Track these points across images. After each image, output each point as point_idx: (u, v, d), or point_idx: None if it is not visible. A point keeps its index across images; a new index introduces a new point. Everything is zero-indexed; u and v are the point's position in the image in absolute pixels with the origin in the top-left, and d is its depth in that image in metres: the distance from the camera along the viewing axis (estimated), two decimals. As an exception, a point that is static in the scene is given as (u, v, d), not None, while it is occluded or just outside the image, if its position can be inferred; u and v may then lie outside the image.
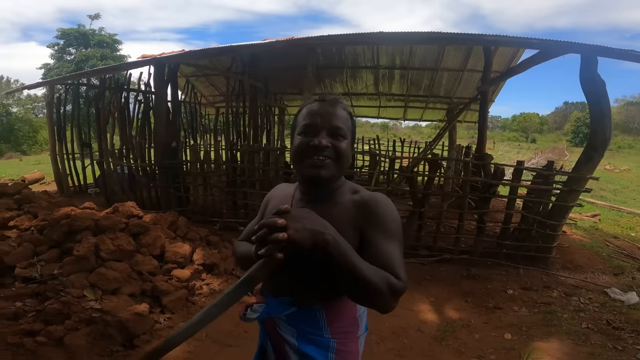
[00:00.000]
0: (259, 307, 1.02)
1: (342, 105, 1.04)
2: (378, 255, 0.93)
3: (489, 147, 24.59)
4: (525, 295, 3.53)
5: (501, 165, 4.69)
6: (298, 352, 1.04)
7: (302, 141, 0.99)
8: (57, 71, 20.28)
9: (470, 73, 8.16)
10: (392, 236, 0.96)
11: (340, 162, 0.99)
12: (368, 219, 0.97)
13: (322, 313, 1.02)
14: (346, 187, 1.06)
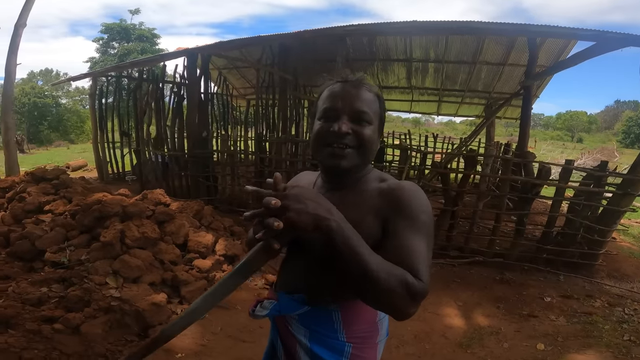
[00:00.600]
0: (269, 304, 0.95)
1: (367, 86, 0.92)
2: (399, 247, 0.81)
3: (530, 146, 23.35)
4: (564, 304, 3.29)
5: (547, 164, 4.35)
6: (309, 353, 0.95)
7: (321, 127, 0.90)
8: (102, 64, 21.49)
9: (512, 67, 7.67)
10: (417, 228, 0.83)
11: (363, 150, 0.89)
12: (392, 207, 0.86)
13: (338, 314, 0.93)
14: (373, 175, 0.95)
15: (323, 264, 0.89)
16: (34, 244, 2.75)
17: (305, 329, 0.95)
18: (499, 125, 31.26)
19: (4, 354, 1.71)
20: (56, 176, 3.78)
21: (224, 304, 2.69)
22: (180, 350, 2.13)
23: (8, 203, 3.65)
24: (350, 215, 0.82)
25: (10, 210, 3.46)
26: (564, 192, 4.26)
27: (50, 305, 2.15)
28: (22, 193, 3.56)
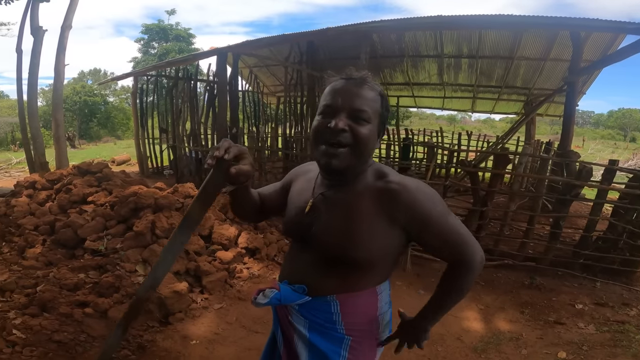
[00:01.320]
0: (270, 293, 0.98)
1: (369, 84, 0.92)
2: (445, 248, 0.93)
3: (577, 145, 21.90)
4: (596, 312, 3.11)
5: (588, 164, 4.09)
6: (307, 343, 0.99)
7: (319, 122, 0.90)
8: (144, 64, 22.69)
9: (554, 62, 7.23)
10: (444, 220, 0.90)
11: (358, 149, 0.88)
12: (411, 214, 0.88)
13: (337, 305, 0.96)
14: (370, 170, 0.96)
15: (329, 261, 0.94)
16: (76, 233, 3.02)
17: (304, 319, 0.99)
18: (543, 124, 29.54)
19: (37, 336, 1.88)
20: (99, 170, 4.10)
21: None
22: (196, 338, 2.26)
23: (56, 194, 4.01)
24: (349, 221, 0.91)
25: (57, 200, 3.80)
26: (606, 194, 4.00)
27: (85, 291, 2.36)
28: (69, 185, 3.89)
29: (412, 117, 34.80)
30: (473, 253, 0.93)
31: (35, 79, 6.13)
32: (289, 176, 1.16)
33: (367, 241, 0.89)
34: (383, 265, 0.96)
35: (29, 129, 6.08)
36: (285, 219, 1.08)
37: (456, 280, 0.97)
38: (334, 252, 0.92)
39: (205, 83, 7.87)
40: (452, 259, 0.95)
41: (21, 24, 6.03)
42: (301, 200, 1.03)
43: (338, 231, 0.91)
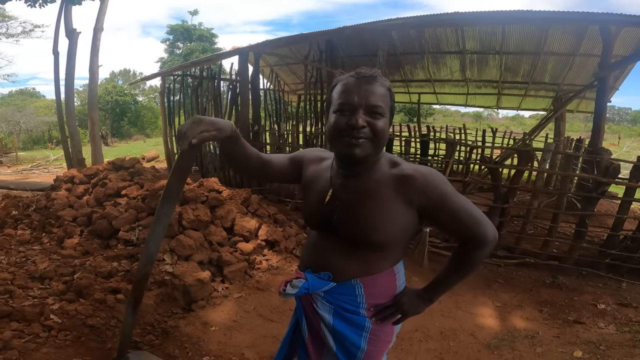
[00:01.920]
0: (299, 283, 1.05)
1: (380, 81, 0.98)
2: (458, 227, 1.00)
3: (612, 143, 20.83)
4: (619, 312, 3.04)
5: (616, 161, 3.96)
6: (332, 330, 1.07)
7: (338, 120, 0.97)
8: (170, 64, 23.42)
9: (584, 57, 6.95)
10: (455, 199, 0.98)
11: (376, 141, 0.97)
12: (427, 196, 0.97)
13: (361, 288, 1.04)
14: (383, 159, 1.04)
15: (351, 247, 1.03)
16: (111, 224, 3.25)
17: (329, 305, 1.07)
18: (577, 120, 28.16)
19: (72, 320, 2.04)
20: (132, 165, 4.37)
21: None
22: (215, 324, 2.40)
23: (92, 188, 4.31)
24: (369, 207, 0.99)
25: (94, 194, 4.08)
26: (634, 192, 3.85)
27: (117, 278, 2.55)
28: (104, 179, 4.17)
29: (436, 114, 34.13)
30: (485, 230, 0.99)
31: (72, 80, 6.55)
32: (299, 156, 1.20)
33: (387, 225, 0.98)
34: (399, 246, 1.05)
35: (67, 127, 6.49)
36: (306, 209, 1.15)
37: (467, 256, 1.05)
38: (357, 238, 1.00)
39: (228, 82, 8.11)
40: (465, 236, 1.02)
41: (56, 26, 6.41)
42: (319, 190, 1.09)
43: (360, 217, 0.99)
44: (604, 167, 3.97)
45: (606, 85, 6.00)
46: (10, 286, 2.36)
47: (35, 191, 5.10)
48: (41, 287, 2.45)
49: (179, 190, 1.20)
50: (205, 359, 2.01)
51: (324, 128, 1.04)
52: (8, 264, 2.77)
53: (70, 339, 1.89)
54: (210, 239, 3.02)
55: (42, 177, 7.65)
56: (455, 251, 1.09)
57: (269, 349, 2.20)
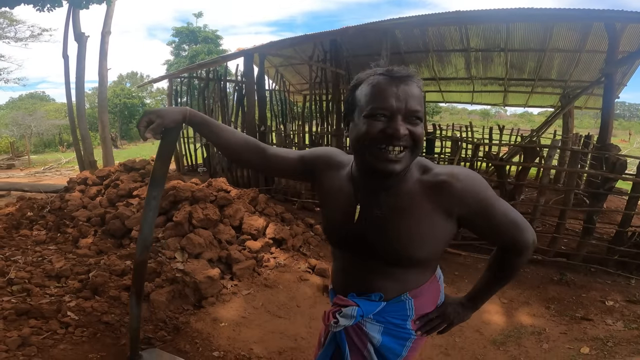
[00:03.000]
0: (352, 312, 0.97)
1: (417, 81, 0.87)
2: (498, 233, 0.95)
3: (623, 139, 20.48)
4: (627, 309, 3.03)
5: (623, 157, 3.94)
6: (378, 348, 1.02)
7: (372, 126, 0.84)
8: (176, 66, 23.66)
9: (590, 54, 6.90)
10: (496, 205, 0.91)
11: (417, 149, 0.87)
12: (467, 204, 0.88)
13: (411, 301, 1.00)
14: (413, 167, 0.94)
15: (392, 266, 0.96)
16: (124, 223, 3.34)
17: (379, 325, 1.00)
18: (587, 117, 27.76)
19: (88, 317, 2.12)
20: (142, 166, 4.47)
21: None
22: (225, 320, 2.47)
23: (105, 189, 4.41)
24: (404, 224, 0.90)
25: (106, 195, 4.18)
26: (641, 188, 3.83)
27: (131, 276, 2.63)
28: (117, 181, 4.27)
29: (443, 113, 33.92)
30: (526, 235, 0.94)
31: (82, 83, 6.69)
32: (312, 157, 1.10)
33: (428, 241, 0.91)
34: (440, 254, 1.00)
35: (79, 130, 6.63)
36: (329, 226, 1.05)
37: (507, 264, 1.01)
38: (397, 257, 0.93)
39: (234, 83, 8.20)
40: (505, 243, 0.97)
41: (65, 30, 6.51)
42: (342, 205, 0.99)
43: (400, 237, 0.91)
44: (611, 163, 3.96)
45: (613, 81, 5.94)
46: (28, 285, 2.45)
47: (48, 193, 5.22)
48: (57, 286, 2.53)
49: (164, 174, 1.27)
50: (215, 354, 2.07)
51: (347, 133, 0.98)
52: (25, 263, 2.86)
53: (86, 336, 1.96)
54: (219, 237, 3.09)
55: (55, 180, 7.82)
56: (495, 258, 1.05)
57: (276, 344, 2.26)
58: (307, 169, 1.09)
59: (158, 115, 1.03)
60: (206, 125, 1.10)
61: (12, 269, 2.65)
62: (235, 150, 1.11)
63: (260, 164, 1.12)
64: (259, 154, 1.11)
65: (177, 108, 1.09)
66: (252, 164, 1.14)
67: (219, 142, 1.11)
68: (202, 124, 1.09)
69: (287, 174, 1.19)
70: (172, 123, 1.06)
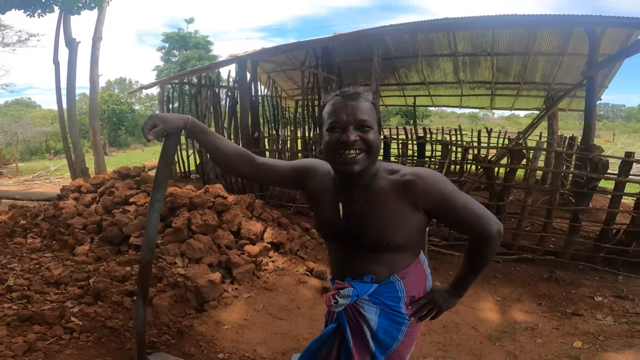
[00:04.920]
0: (348, 291, 1.12)
1: (363, 97, 1.07)
2: (463, 225, 1.09)
3: (607, 140, 21.04)
4: (616, 304, 3.13)
5: (605, 157, 4.10)
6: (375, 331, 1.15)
7: (331, 138, 1.04)
8: (166, 72, 23.52)
9: (572, 57, 7.16)
10: (457, 199, 1.06)
11: (371, 152, 1.04)
12: (429, 199, 1.04)
13: (400, 282, 1.14)
14: (381, 168, 1.11)
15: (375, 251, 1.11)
16: (121, 230, 3.34)
17: (376, 307, 1.14)
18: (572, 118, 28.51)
19: (92, 322, 2.14)
20: (137, 173, 4.47)
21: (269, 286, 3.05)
22: (228, 323, 2.51)
23: (100, 196, 4.39)
24: (379, 216, 1.07)
25: (101, 202, 4.17)
26: (624, 186, 3.99)
27: (132, 282, 2.64)
28: (112, 188, 4.26)
29: (432, 116, 34.40)
30: (490, 226, 1.07)
31: (73, 90, 6.63)
32: (302, 166, 1.25)
33: (401, 228, 1.07)
34: (416, 241, 1.14)
35: (69, 137, 6.57)
36: (320, 223, 1.22)
37: (478, 252, 1.15)
38: (377, 244, 1.09)
39: (226, 89, 8.23)
40: (472, 233, 1.11)
41: (55, 36, 6.44)
42: (329, 204, 1.16)
43: (376, 226, 1.07)
44: (594, 164, 4.12)
45: (595, 83, 6.17)
46: (28, 292, 2.45)
47: (41, 201, 5.17)
48: (58, 292, 2.53)
49: (166, 176, 1.34)
50: (221, 356, 2.10)
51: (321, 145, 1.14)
52: (22, 270, 2.85)
53: (91, 341, 1.98)
54: (218, 242, 3.12)
55: (45, 188, 7.72)
56: (467, 248, 1.18)
57: (279, 345, 2.31)
58: (297, 177, 1.24)
59: (162, 120, 1.13)
60: (204, 134, 1.19)
61: (10, 276, 2.64)
62: (229, 158, 1.22)
63: (251, 172, 1.24)
64: (250, 163, 1.23)
65: (180, 115, 1.17)
66: (243, 173, 1.25)
67: (215, 151, 1.21)
68: (201, 132, 1.19)
69: (276, 182, 1.31)
70: (174, 129, 1.16)
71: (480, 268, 1.19)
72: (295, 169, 1.25)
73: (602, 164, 3.99)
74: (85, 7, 5.49)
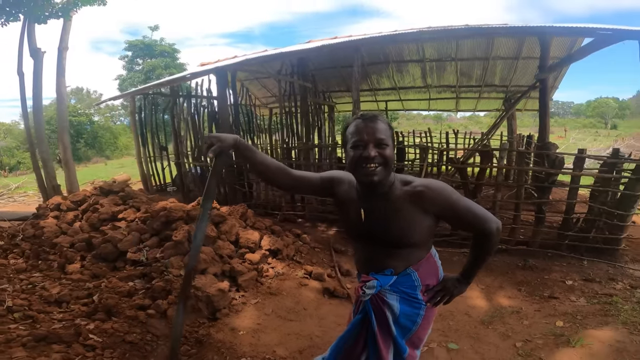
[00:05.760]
0: (374, 283, 1.34)
1: (381, 119, 1.29)
2: (467, 225, 1.33)
3: (559, 135, 22.62)
4: (585, 287, 3.46)
5: (561, 154, 4.56)
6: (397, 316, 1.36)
7: (355, 154, 1.25)
8: (130, 81, 22.62)
9: (527, 60, 7.81)
10: (460, 204, 1.28)
11: (387, 165, 1.25)
12: (437, 205, 1.26)
13: (415, 273, 1.35)
14: (397, 180, 1.32)
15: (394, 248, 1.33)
16: (116, 247, 3.30)
17: (396, 295, 1.36)
18: (527, 117, 30.49)
19: (111, 338, 2.14)
20: (122, 189, 4.39)
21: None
22: (242, 329, 2.59)
23: (82, 214, 4.27)
24: (397, 220, 1.27)
25: (86, 219, 4.06)
26: (579, 179, 4.44)
27: (140, 296, 2.65)
28: (95, 205, 4.16)
29: (400, 119, 35.55)
30: (489, 225, 1.30)
31: (39, 101, 6.28)
32: (330, 179, 1.45)
33: (415, 230, 1.28)
34: (428, 239, 1.37)
35: (38, 153, 6.25)
36: (347, 225, 1.42)
37: (481, 247, 1.38)
38: (396, 243, 1.31)
39: (201, 99, 8.12)
40: (474, 231, 1.35)
41: (19, 46, 6.09)
42: (354, 210, 1.36)
43: (394, 229, 1.28)
44: (552, 160, 4.56)
45: (547, 85, 6.79)
46: (30, 311, 2.40)
47: (14, 221, 4.91)
48: (61, 311, 2.49)
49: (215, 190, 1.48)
50: (243, 360, 2.19)
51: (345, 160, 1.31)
52: (16, 291, 2.76)
53: (116, 357, 1.99)
54: (220, 252, 3.17)
55: (13, 207, 7.25)
56: (472, 243, 1.41)
57: (295, 344, 2.43)
58: (326, 187, 1.45)
59: (218, 139, 1.29)
60: (250, 151, 1.35)
61: (6, 297, 2.56)
62: (273, 173, 1.38)
63: (290, 184, 1.42)
64: (289, 176, 1.40)
65: (231, 135, 1.33)
66: (283, 185, 1.43)
67: (261, 166, 1.36)
68: (247, 150, 1.35)
69: (309, 192, 1.53)
70: (228, 147, 1.30)
71: (484, 259, 1.42)
72: (324, 180, 1.45)
73: (559, 160, 4.43)
74: (52, 16, 5.31)
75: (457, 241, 4.50)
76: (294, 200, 5.85)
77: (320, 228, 5.27)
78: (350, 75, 5.26)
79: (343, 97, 11.28)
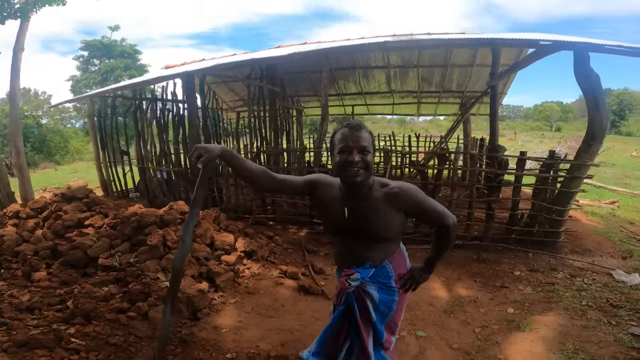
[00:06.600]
0: (357, 276, 1.54)
1: (364, 128, 1.49)
2: (429, 219, 1.57)
3: (510, 138, 24.10)
4: (531, 276, 3.78)
5: (505, 157, 5.04)
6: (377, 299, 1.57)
7: (341, 158, 1.44)
8: (85, 82, 21.40)
9: (480, 67, 8.45)
10: (425, 202, 1.51)
11: (369, 169, 1.45)
12: (408, 204, 1.47)
13: (389, 265, 1.57)
14: (376, 183, 1.51)
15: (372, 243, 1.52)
16: (86, 253, 3.25)
17: (375, 285, 1.56)
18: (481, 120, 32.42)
19: (95, 341, 2.17)
20: (85, 195, 4.27)
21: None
22: (225, 327, 2.68)
23: (44, 221, 4.11)
24: (376, 217, 1.47)
25: (49, 227, 3.93)
26: (522, 179, 4.92)
27: (117, 299, 2.67)
28: (58, 212, 4.02)
29: (366, 122, 36.32)
30: (447, 220, 1.55)
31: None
32: (313, 181, 1.61)
33: (391, 226, 1.49)
34: (400, 234, 1.59)
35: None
36: (330, 222, 1.59)
37: (441, 238, 1.62)
38: (375, 237, 1.51)
39: (166, 102, 7.96)
40: (436, 225, 1.60)
41: None
42: (337, 208, 1.53)
43: (373, 225, 1.48)
44: (499, 162, 5.05)
45: (497, 91, 7.46)
46: (2, 319, 2.35)
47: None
48: (34, 317, 2.46)
49: (204, 196, 1.61)
50: (229, 356, 2.28)
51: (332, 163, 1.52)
52: (-18, 300, 2.67)
53: (102, 358, 2.02)
54: (196, 255, 3.24)
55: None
56: (434, 236, 1.66)
57: (277, 338, 2.56)
58: (309, 188, 1.61)
59: (206, 150, 1.46)
60: (236, 158, 1.52)
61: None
62: (257, 177, 1.55)
63: (274, 186, 1.59)
64: (272, 180, 1.57)
65: (218, 145, 1.50)
66: (267, 187, 1.59)
67: (245, 172, 1.53)
68: (233, 158, 1.52)
69: (291, 192, 1.71)
70: (215, 156, 1.47)
71: (444, 250, 1.66)
72: (307, 182, 1.62)
73: (504, 162, 4.90)
74: (10, 17, 5.05)
75: (419, 238, 4.83)
76: (264, 203, 5.95)
77: (291, 230, 5.41)
78: (319, 80, 5.49)
79: (311, 102, 11.51)
